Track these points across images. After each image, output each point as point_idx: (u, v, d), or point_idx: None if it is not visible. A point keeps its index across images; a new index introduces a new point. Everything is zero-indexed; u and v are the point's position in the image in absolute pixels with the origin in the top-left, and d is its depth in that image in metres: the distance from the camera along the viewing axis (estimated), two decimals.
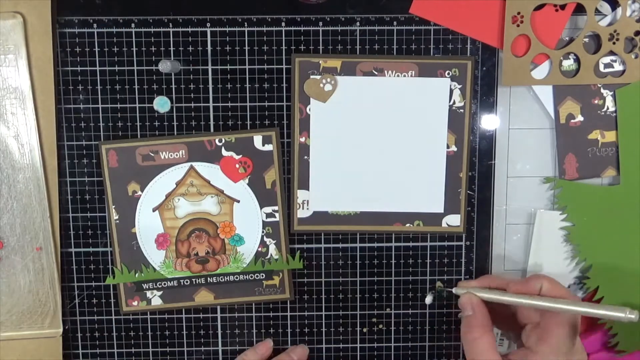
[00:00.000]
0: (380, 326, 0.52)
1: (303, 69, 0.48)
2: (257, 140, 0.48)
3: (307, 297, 0.51)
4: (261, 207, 0.49)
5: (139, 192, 0.49)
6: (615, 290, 0.50)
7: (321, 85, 0.48)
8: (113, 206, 0.49)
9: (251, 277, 0.50)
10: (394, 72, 0.48)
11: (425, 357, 0.52)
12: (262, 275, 0.50)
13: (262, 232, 0.50)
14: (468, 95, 0.48)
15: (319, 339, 0.52)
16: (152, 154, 0.48)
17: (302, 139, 0.49)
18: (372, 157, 0.49)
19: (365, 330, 0.52)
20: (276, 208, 0.49)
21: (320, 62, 0.48)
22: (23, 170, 0.48)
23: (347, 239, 0.50)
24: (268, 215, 0.49)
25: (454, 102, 0.49)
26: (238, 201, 0.49)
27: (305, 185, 0.49)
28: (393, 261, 0.51)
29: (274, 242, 0.50)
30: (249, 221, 0.49)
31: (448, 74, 0.48)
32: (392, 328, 0.52)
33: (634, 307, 0.49)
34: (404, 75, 0.48)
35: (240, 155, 0.49)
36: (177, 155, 0.48)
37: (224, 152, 0.49)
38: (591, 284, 0.50)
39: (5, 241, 0.48)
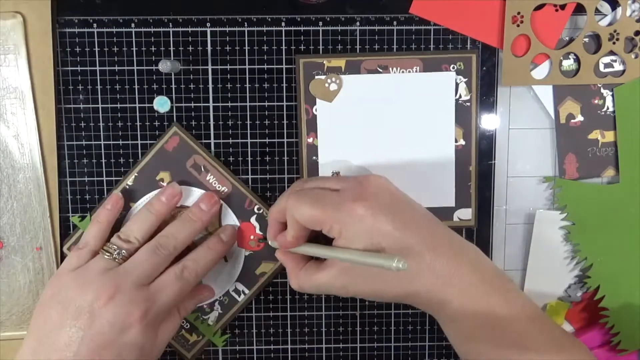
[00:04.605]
0: (381, 326, 0.52)
1: (307, 70, 0.48)
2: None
3: (307, 297, 0.51)
4: (237, 279, 0.50)
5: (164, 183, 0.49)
6: (617, 289, 0.50)
7: (326, 85, 0.48)
8: (136, 174, 0.48)
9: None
10: (398, 68, 0.48)
11: (425, 357, 0.52)
12: (187, 325, 0.50)
13: (220, 297, 0.50)
14: (474, 88, 0.48)
15: (319, 339, 0.52)
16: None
17: (310, 140, 0.49)
18: (381, 155, 0.49)
19: (365, 330, 0.52)
20: (247, 291, 0.50)
21: (324, 62, 0.48)
22: (23, 170, 0.48)
23: None
24: (236, 290, 0.50)
25: (460, 96, 0.49)
26: None
27: None
28: None
29: (221, 312, 0.50)
30: (224, 281, 0.50)
31: (453, 67, 0.48)
32: (392, 328, 0.52)
33: (634, 307, 0.50)
34: (409, 71, 0.48)
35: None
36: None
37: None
38: (592, 283, 0.50)
39: (5, 241, 0.48)
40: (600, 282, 0.50)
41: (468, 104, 0.49)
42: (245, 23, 0.48)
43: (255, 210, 0.49)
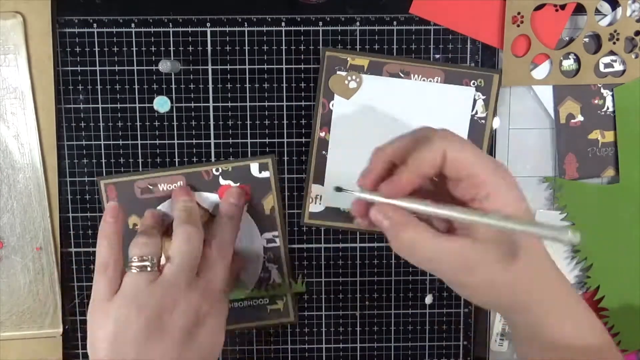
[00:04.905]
0: (381, 326, 0.52)
1: (330, 64, 0.48)
2: (254, 168, 0.49)
3: (307, 297, 0.51)
4: (261, 233, 0.50)
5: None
6: (616, 289, 0.50)
7: (346, 82, 0.48)
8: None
9: (255, 302, 0.50)
10: (420, 76, 0.48)
11: (425, 357, 0.52)
12: (266, 301, 0.50)
13: (264, 257, 0.50)
14: (491, 107, 0.48)
15: (319, 339, 0.52)
16: (151, 187, 0.48)
17: (322, 134, 0.49)
18: None
19: (365, 330, 0.52)
20: (276, 233, 0.50)
21: (348, 58, 0.48)
22: (23, 170, 0.48)
23: (347, 238, 0.50)
24: (269, 240, 0.50)
25: (477, 112, 0.48)
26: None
27: (319, 180, 0.49)
28: (393, 261, 0.51)
29: (276, 266, 0.50)
30: (250, 248, 0.50)
31: (473, 83, 0.48)
32: (392, 328, 0.52)
33: (634, 307, 0.50)
34: (430, 81, 0.48)
35: (238, 183, 0.49)
36: (175, 186, 0.48)
37: (222, 181, 0.49)
38: (592, 283, 0.50)
39: (5, 241, 0.48)
40: (600, 282, 0.50)
41: (483, 121, 0.49)
42: (245, 23, 0.48)
43: (214, 172, 0.48)
